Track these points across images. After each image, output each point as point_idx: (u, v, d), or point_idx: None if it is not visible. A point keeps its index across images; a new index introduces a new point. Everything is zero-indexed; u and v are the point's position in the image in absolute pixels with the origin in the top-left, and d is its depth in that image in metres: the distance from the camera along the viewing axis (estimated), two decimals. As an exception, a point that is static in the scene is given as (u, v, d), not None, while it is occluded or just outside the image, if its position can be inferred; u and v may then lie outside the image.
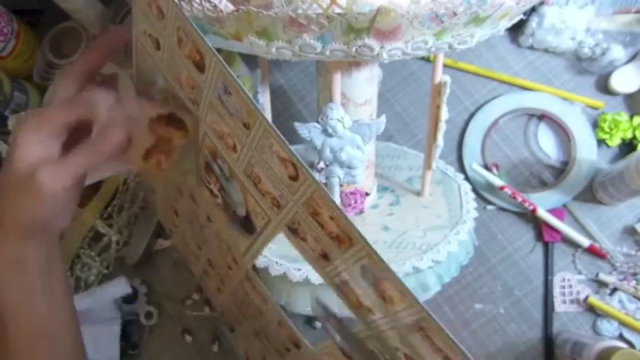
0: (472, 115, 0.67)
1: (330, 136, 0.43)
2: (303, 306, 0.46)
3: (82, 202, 0.69)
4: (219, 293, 0.54)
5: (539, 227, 0.61)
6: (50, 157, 0.30)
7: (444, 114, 0.48)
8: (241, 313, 0.51)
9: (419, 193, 0.55)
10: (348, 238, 0.26)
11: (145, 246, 0.67)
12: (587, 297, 0.58)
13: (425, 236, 0.48)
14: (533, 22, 0.65)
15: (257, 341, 0.51)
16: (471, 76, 0.68)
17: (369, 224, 0.51)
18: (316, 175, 0.45)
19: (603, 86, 0.65)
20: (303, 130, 0.43)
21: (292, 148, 0.25)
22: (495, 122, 0.66)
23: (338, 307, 0.45)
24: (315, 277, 0.44)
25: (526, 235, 0.62)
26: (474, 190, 0.61)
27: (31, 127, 0.30)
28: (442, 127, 0.49)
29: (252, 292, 0.44)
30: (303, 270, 0.45)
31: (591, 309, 0.58)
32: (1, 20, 0.70)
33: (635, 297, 0.58)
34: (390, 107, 0.69)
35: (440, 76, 0.47)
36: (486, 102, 0.67)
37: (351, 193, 0.52)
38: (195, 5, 0.33)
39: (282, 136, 0.26)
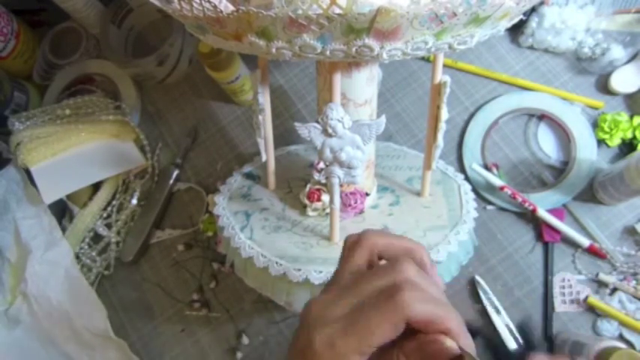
0: (472, 115, 0.67)
1: (330, 136, 0.43)
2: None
3: (82, 203, 0.69)
4: None
5: (539, 227, 0.61)
6: None
7: (444, 114, 0.48)
8: None
9: (419, 193, 0.55)
10: None
11: (141, 242, 0.67)
12: (587, 297, 0.58)
13: (425, 236, 0.48)
14: (533, 22, 0.65)
15: None
16: (471, 76, 0.68)
17: (369, 224, 0.51)
18: (316, 176, 0.45)
19: (603, 86, 0.65)
20: (303, 130, 0.43)
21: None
22: (495, 122, 0.66)
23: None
24: (315, 277, 0.44)
25: (526, 235, 0.62)
26: (474, 190, 0.61)
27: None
28: (442, 127, 0.48)
29: None
30: (303, 270, 0.45)
31: (591, 309, 0.58)
32: (1, 20, 0.70)
33: (635, 297, 0.58)
34: (390, 107, 0.69)
35: (440, 76, 0.47)
36: (486, 102, 0.67)
37: (351, 193, 0.52)
38: (195, 5, 0.33)
39: None
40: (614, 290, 0.58)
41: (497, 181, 0.62)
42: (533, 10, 0.65)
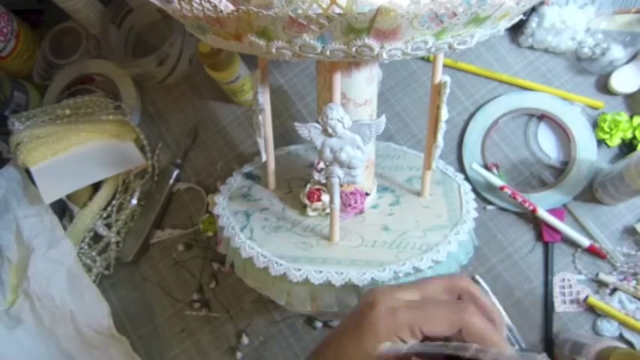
0: (472, 115, 0.67)
1: (330, 136, 0.43)
2: (303, 306, 0.46)
3: (82, 203, 0.69)
4: None
5: (539, 227, 0.61)
6: None
7: (444, 114, 0.48)
8: None
9: (419, 193, 0.55)
10: None
11: (141, 242, 0.67)
12: (587, 297, 0.58)
13: (425, 236, 0.48)
14: (533, 22, 0.65)
15: None
16: (471, 76, 0.68)
17: (369, 224, 0.51)
18: (316, 176, 0.45)
19: (603, 86, 0.65)
20: (303, 130, 0.43)
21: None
22: (495, 122, 0.66)
23: (337, 305, 0.46)
24: (315, 277, 0.44)
25: (526, 235, 0.62)
26: (474, 190, 0.61)
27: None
28: (442, 127, 0.48)
29: None
30: (303, 270, 0.45)
31: (591, 309, 0.58)
32: (1, 20, 0.70)
33: (635, 297, 0.58)
34: (390, 107, 0.69)
35: (440, 76, 0.47)
36: (486, 102, 0.67)
37: (351, 193, 0.52)
38: (195, 5, 0.33)
39: None
40: (614, 290, 0.58)
41: (497, 181, 0.62)
42: (533, 10, 0.65)
